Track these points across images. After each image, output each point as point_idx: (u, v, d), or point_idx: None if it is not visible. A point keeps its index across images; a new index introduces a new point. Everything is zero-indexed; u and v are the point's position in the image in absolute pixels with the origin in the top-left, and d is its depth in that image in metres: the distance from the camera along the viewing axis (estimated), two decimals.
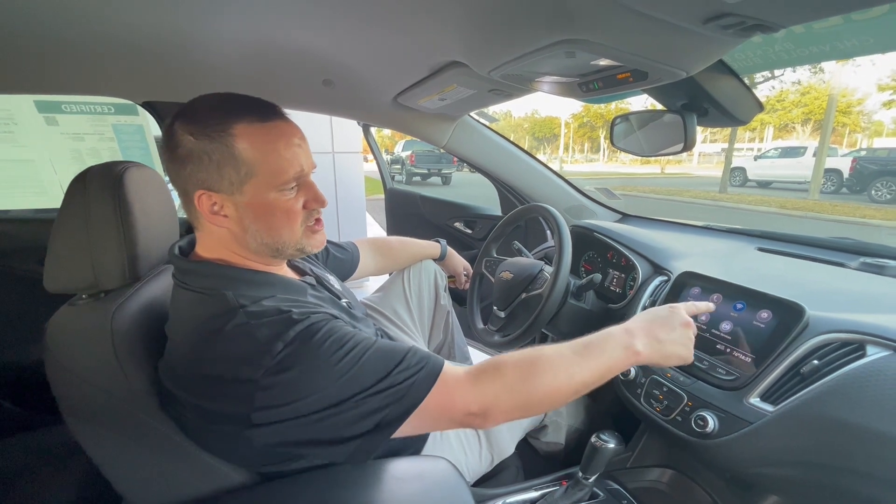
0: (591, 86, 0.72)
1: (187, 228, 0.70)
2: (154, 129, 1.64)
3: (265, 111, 0.60)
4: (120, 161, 0.69)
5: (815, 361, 0.64)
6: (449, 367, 0.60)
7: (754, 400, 0.69)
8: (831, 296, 0.75)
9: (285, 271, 0.73)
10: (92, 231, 0.63)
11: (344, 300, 0.81)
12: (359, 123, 2.18)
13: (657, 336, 0.66)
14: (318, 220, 0.67)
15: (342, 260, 1.07)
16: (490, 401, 0.58)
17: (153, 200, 0.72)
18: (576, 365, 0.61)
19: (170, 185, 0.66)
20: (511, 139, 1.48)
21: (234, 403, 0.53)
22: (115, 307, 0.63)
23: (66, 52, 0.90)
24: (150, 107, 1.20)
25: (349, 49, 0.87)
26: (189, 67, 0.99)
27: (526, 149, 1.49)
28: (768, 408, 0.67)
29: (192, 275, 0.62)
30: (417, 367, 0.57)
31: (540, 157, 1.51)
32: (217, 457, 0.61)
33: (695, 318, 0.82)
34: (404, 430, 0.56)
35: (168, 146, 0.59)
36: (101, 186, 0.64)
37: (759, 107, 0.80)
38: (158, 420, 0.61)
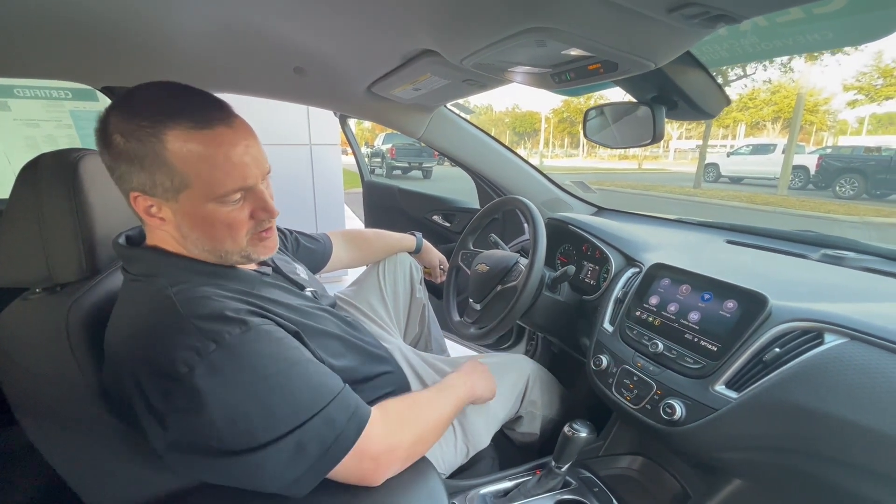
0: (563, 76, 0.72)
1: None
2: None
3: (205, 115, 0.54)
4: (76, 148, 0.66)
5: (777, 349, 0.66)
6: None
7: (719, 387, 0.70)
8: (793, 286, 0.77)
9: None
10: (45, 221, 0.60)
11: (309, 290, 0.79)
12: (335, 114, 2.14)
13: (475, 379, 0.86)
14: (268, 230, 0.63)
15: (313, 251, 1.05)
16: (394, 443, 0.60)
17: (112, 190, 0.69)
18: (442, 400, 0.75)
19: None
20: (492, 133, 1.47)
21: (155, 398, 0.50)
22: (71, 301, 0.60)
23: (17, 33, 0.84)
24: (110, 92, 1.15)
25: (320, 35, 0.85)
26: (151, 51, 0.95)
27: (507, 143, 1.49)
28: (733, 395, 0.68)
29: (134, 262, 0.60)
30: (347, 416, 0.56)
31: (521, 151, 1.51)
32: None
33: (665, 308, 0.84)
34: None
35: (101, 141, 0.55)
36: (54, 174, 0.61)
37: (726, 101, 0.82)
38: (116, 416, 0.59)
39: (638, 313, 0.89)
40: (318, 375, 0.57)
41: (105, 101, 1.35)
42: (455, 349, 1.74)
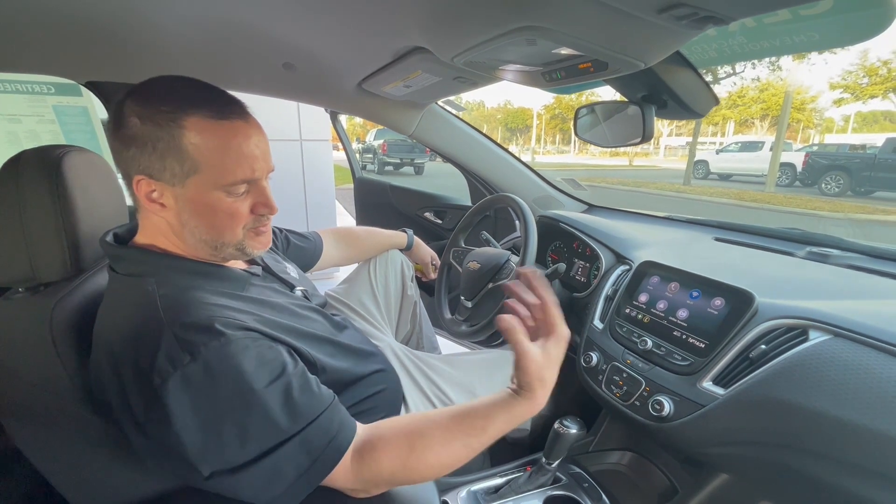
0: (554, 75, 0.72)
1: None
2: (100, 111, 1.54)
3: (224, 107, 0.56)
4: (59, 145, 0.65)
5: (763, 346, 0.67)
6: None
7: (707, 384, 0.71)
8: (779, 283, 0.79)
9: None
10: (27, 220, 0.59)
11: (299, 289, 0.78)
12: (326, 110, 2.13)
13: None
14: (264, 225, 0.64)
15: (303, 248, 1.04)
16: (371, 484, 0.55)
17: (97, 187, 0.68)
18: (461, 438, 0.55)
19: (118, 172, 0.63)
20: (484, 130, 1.47)
21: (134, 404, 0.50)
22: (55, 301, 0.59)
23: None
24: (94, 87, 1.12)
25: (310, 30, 0.84)
26: (137, 45, 0.93)
27: (499, 140, 1.48)
28: (719, 391, 0.69)
29: (122, 261, 0.59)
30: (326, 440, 0.53)
31: (512, 148, 1.51)
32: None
33: (654, 305, 0.85)
34: None
35: (114, 124, 0.55)
36: (36, 172, 0.60)
37: (715, 100, 0.82)
38: (103, 418, 0.58)
39: (627, 311, 0.89)
40: (299, 392, 0.53)
41: (89, 97, 1.31)
42: (447, 346, 1.74)
